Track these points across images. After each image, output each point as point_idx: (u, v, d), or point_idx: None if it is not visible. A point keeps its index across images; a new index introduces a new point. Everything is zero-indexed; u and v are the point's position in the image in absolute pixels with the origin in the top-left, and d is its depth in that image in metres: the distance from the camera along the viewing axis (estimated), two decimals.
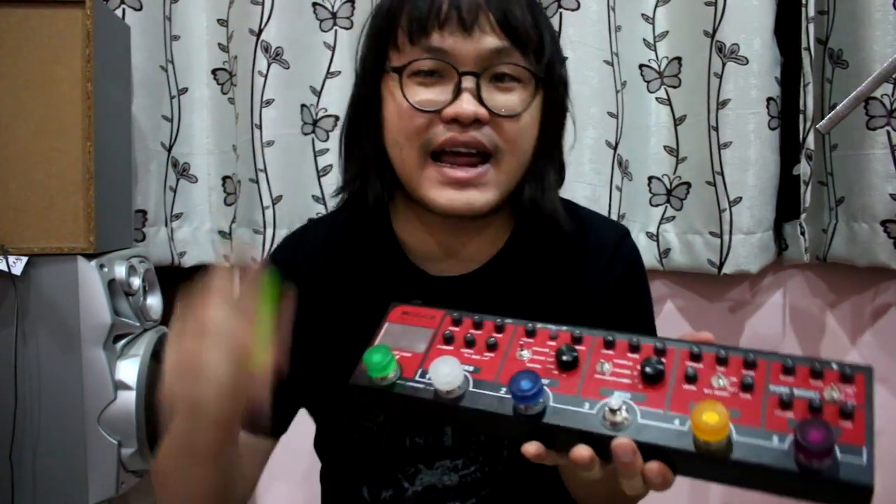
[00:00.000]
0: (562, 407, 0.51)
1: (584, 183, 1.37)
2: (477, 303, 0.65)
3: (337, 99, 1.44)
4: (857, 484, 0.43)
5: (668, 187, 1.45)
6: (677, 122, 1.43)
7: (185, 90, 1.52)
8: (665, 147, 1.45)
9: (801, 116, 1.34)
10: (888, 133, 1.30)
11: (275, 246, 0.93)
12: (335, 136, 1.36)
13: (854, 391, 0.48)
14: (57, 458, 1.17)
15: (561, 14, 1.35)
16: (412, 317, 0.61)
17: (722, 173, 1.36)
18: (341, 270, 0.79)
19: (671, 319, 1.50)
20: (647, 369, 0.51)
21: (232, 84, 1.49)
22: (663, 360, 0.52)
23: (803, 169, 1.34)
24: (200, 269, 1.54)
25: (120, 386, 1.18)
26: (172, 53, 1.50)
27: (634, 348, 0.54)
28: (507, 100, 0.69)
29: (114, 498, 1.20)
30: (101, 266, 1.18)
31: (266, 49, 1.40)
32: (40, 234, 1.16)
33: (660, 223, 1.46)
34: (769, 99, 1.35)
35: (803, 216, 1.36)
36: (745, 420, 0.47)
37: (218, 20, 1.49)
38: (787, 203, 1.40)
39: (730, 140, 1.36)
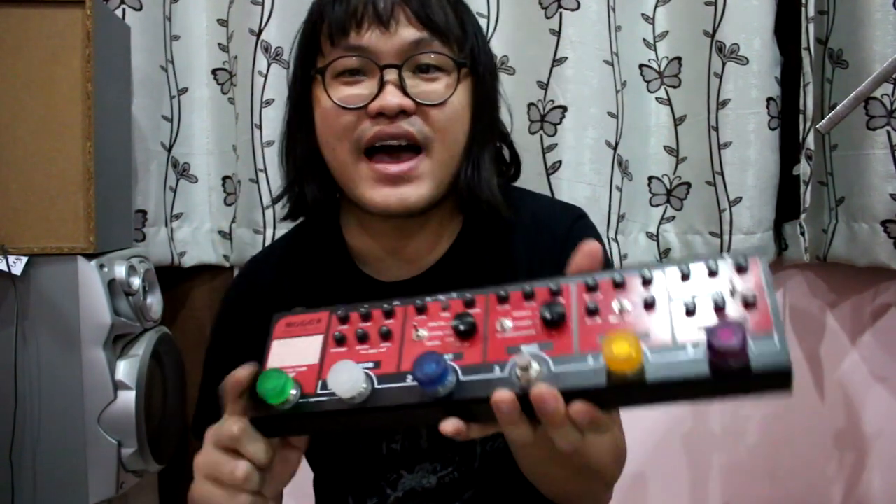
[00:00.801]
0: (472, 378, 0.49)
1: (584, 183, 1.37)
2: None
3: None
4: (776, 367, 0.42)
5: (668, 187, 1.45)
6: (677, 122, 1.43)
7: (185, 90, 1.52)
8: (665, 147, 1.45)
9: (801, 116, 1.34)
10: (888, 133, 1.30)
11: (237, 273, 0.93)
12: None
13: (752, 279, 0.47)
14: (57, 458, 1.17)
15: (561, 14, 1.35)
16: (297, 327, 0.57)
17: (722, 173, 1.36)
18: (297, 284, 0.79)
19: None
20: (547, 315, 0.49)
21: (232, 84, 1.49)
22: (561, 300, 0.50)
23: (803, 169, 1.34)
24: (200, 270, 1.55)
25: (120, 386, 1.18)
26: (172, 53, 1.50)
27: (529, 296, 0.51)
28: (431, 88, 0.69)
29: (114, 498, 1.20)
30: (101, 266, 1.18)
31: (266, 49, 1.40)
32: (40, 234, 1.16)
33: (660, 223, 1.46)
34: (769, 99, 1.35)
35: (803, 216, 1.36)
36: (655, 339, 0.46)
37: (218, 20, 1.50)
38: (787, 203, 1.40)
39: (730, 140, 1.36)
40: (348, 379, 0.50)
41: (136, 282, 1.26)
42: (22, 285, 1.15)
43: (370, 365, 0.53)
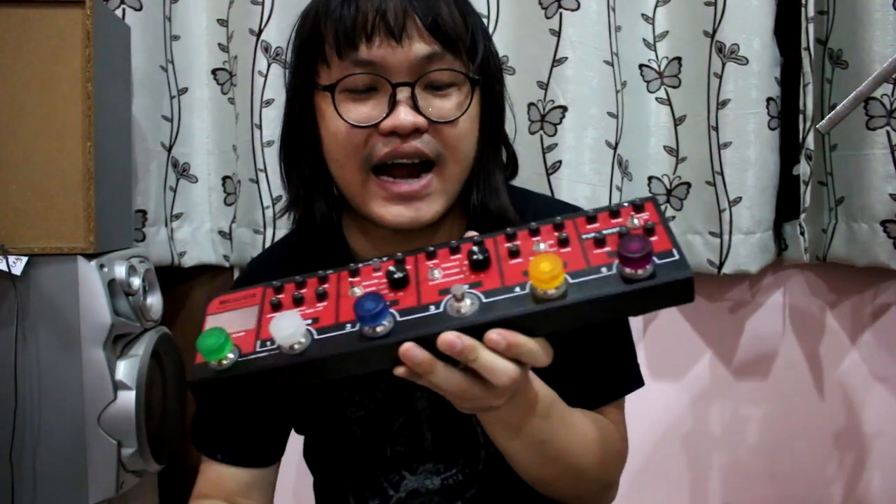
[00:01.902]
0: (409, 318, 0.51)
1: (584, 183, 1.37)
2: None
3: None
4: (679, 278, 0.49)
5: (668, 187, 1.45)
6: (677, 122, 1.44)
7: (185, 90, 1.52)
8: (665, 147, 1.45)
9: (801, 116, 1.34)
10: (888, 133, 1.30)
11: (238, 273, 0.92)
12: None
13: (649, 214, 0.53)
14: (57, 458, 1.17)
15: (561, 14, 1.35)
16: (231, 302, 0.58)
17: (722, 173, 1.36)
18: None
19: (671, 319, 1.50)
20: (475, 257, 0.53)
21: (232, 84, 1.49)
22: (486, 247, 0.54)
23: (803, 169, 1.34)
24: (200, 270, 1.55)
25: (120, 386, 1.18)
26: (172, 53, 1.50)
27: (455, 250, 0.55)
28: (443, 106, 0.68)
29: (114, 498, 1.20)
30: (101, 266, 1.18)
31: (266, 49, 1.40)
32: (40, 234, 1.16)
33: None
34: (769, 99, 1.35)
35: (803, 216, 1.36)
36: (573, 266, 0.51)
37: (218, 20, 1.50)
38: (786, 203, 1.40)
39: (730, 140, 1.36)
40: (290, 325, 0.51)
41: (136, 282, 1.26)
42: (22, 285, 1.15)
43: (309, 322, 0.53)
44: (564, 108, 1.37)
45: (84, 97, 1.16)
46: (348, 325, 0.52)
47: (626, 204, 0.54)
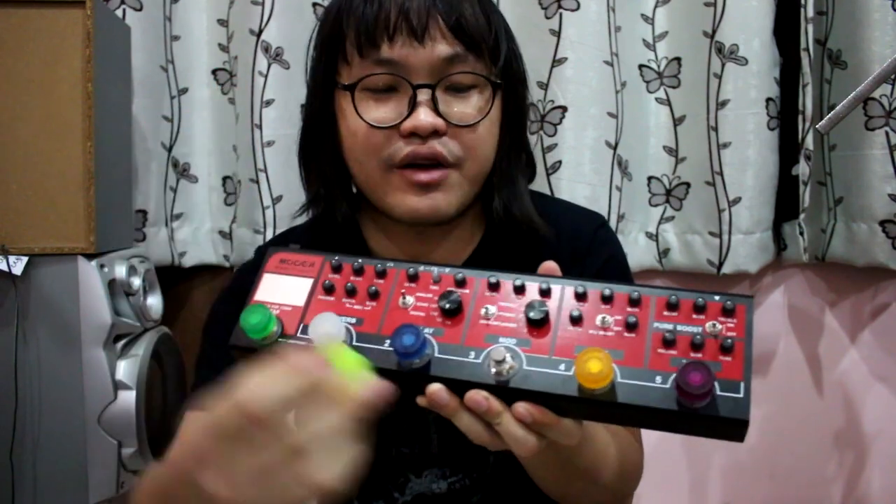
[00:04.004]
0: (447, 358, 0.50)
1: (584, 183, 1.38)
2: None
3: None
4: (736, 419, 0.45)
5: (668, 187, 1.45)
6: (677, 122, 1.44)
7: (185, 90, 1.52)
8: (664, 147, 1.45)
9: (801, 117, 1.34)
10: (887, 133, 1.30)
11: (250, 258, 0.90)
12: None
13: (735, 323, 0.48)
14: (57, 458, 1.17)
15: (561, 14, 1.35)
16: (290, 265, 0.57)
17: (721, 173, 1.36)
18: None
19: None
20: (532, 314, 0.50)
21: (232, 84, 1.49)
22: (547, 302, 0.51)
23: (802, 169, 1.34)
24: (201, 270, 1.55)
25: (120, 386, 1.18)
26: (173, 53, 1.50)
27: (519, 290, 0.52)
28: (464, 108, 0.68)
29: (114, 498, 1.20)
30: (102, 266, 1.18)
31: (266, 49, 1.40)
32: (40, 234, 1.16)
33: (659, 223, 1.46)
34: (768, 99, 1.35)
35: (802, 216, 1.36)
36: (628, 361, 0.47)
37: (218, 20, 1.49)
38: (786, 203, 1.40)
39: (729, 140, 1.36)
40: (328, 332, 0.51)
41: (137, 282, 1.26)
42: (22, 285, 1.15)
43: (352, 320, 0.53)
44: (564, 109, 1.37)
45: (84, 97, 1.16)
46: (386, 342, 0.51)
47: (716, 298, 0.49)
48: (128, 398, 1.18)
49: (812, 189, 1.36)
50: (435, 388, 0.49)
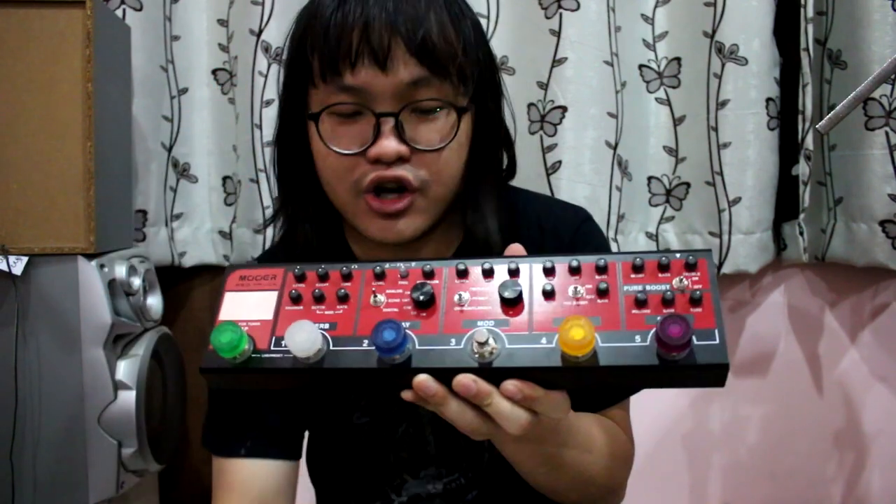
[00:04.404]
0: (428, 349, 0.50)
1: (584, 183, 1.38)
2: None
3: None
4: (715, 364, 0.46)
5: (668, 187, 1.45)
6: (677, 122, 1.44)
7: (185, 90, 1.52)
8: (664, 147, 1.45)
9: (800, 117, 1.34)
10: (886, 133, 1.30)
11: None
12: None
13: (699, 276, 0.49)
14: (57, 458, 1.17)
15: (561, 14, 1.35)
16: (251, 280, 0.56)
17: (721, 173, 1.37)
18: None
19: None
20: (506, 293, 0.50)
21: (232, 84, 1.49)
22: (519, 280, 0.51)
23: (802, 169, 1.34)
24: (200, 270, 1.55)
25: (120, 386, 1.19)
26: (172, 53, 1.50)
27: (488, 273, 0.52)
28: (429, 133, 0.67)
29: (114, 498, 1.20)
30: (102, 266, 1.18)
31: (266, 49, 1.40)
32: (40, 234, 1.16)
33: (659, 223, 1.47)
34: (768, 99, 1.35)
35: (802, 216, 1.36)
36: (606, 325, 0.48)
37: (218, 20, 1.50)
38: (785, 203, 1.40)
39: (729, 140, 1.36)
40: (306, 339, 0.50)
41: (137, 282, 1.26)
42: (22, 285, 1.15)
43: (326, 326, 0.52)
44: (564, 109, 1.37)
45: (84, 97, 1.16)
46: (365, 342, 0.51)
47: (677, 256, 0.50)
48: (128, 398, 1.18)
49: (812, 189, 1.36)
50: (422, 378, 0.49)
